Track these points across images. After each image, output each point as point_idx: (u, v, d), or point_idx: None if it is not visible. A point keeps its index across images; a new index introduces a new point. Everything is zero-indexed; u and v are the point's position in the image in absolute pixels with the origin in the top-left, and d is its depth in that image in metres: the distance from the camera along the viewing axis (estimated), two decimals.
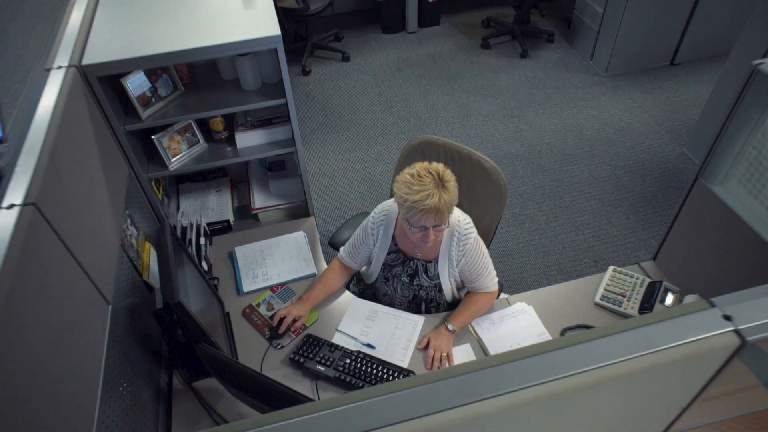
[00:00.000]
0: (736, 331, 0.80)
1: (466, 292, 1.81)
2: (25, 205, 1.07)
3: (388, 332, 1.72)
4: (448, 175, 1.49)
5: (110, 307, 1.35)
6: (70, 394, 1.09)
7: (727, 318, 0.81)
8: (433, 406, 0.70)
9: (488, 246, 1.92)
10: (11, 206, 1.07)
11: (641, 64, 4.07)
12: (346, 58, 4.32)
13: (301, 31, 4.41)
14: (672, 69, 4.08)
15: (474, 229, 1.66)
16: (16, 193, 1.10)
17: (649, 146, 3.43)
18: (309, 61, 4.29)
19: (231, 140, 1.95)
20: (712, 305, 0.84)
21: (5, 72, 4.54)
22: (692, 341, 0.79)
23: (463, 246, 1.64)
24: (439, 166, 1.49)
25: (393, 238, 1.71)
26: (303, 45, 4.33)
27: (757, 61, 1.33)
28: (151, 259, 1.74)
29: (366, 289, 1.94)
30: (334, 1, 4.11)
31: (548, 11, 4.72)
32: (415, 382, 0.73)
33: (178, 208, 2.16)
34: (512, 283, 2.71)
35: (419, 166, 1.50)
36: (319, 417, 0.68)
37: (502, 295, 1.87)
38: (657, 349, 0.78)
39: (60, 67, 1.47)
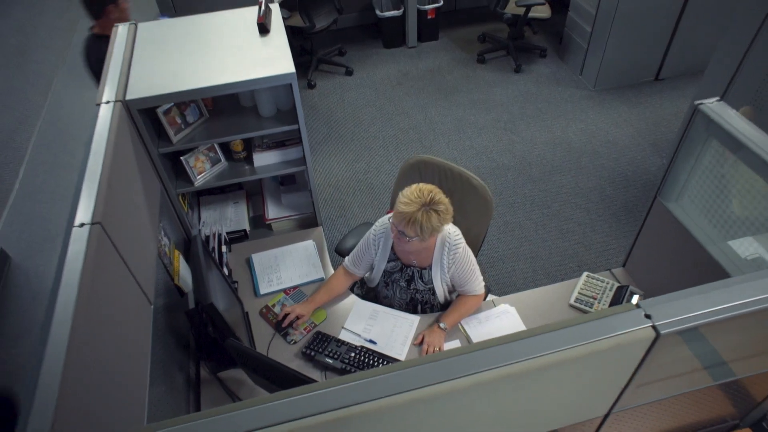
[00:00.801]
0: (653, 327, 1.05)
1: (456, 294, 2.06)
2: (92, 224, 1.32)
3: (388, 330, 1.97)
4: (441, 202, 1.70)
5: (152, 307, 1.60)
6: (129, 375, 1.34)
7: (648, 317, 1.06)
8: (419, 383, 0.95)
9: (478, 253, 2.17)
10: (82, 225, 1.32)
11: (627, 80, 4.31)
12: (349, 72, 4.57)
13: (307, 46, 4.66)
14: (656, 84, 4.32)
15: (462, 240, 1.91)
16: (85, 214, 1.35)
17: (632, 158, 3.68)
18: (314, 75, 4.54)
19: (249, 159, 2.20)
20: (638, 307, 1.09)
21: (28, 85, 4.81)
22: (620, 334, 1.04)
23: (453, 255, 1.89)
24: (436, 194, 1.71)
25: (392, 248, 1.96)
26: (308, 59, 4.58)
27: (698, 102, 1.58)
28: (180, 265, 1.99)
29: (368, 292, 2.18)
30: (337, 18, 4.36)
31: (540, 28, 4.97)
32: (407, 364, 0.98)
33: (199, 219, 2.41)
34: (502, 286, 2.96)
35: (422, 185, 1.74)
36: (331, 391, 0.93)
37: (489, 297, 2.12)
38: (592, 340, 1.03)
39: (108, 102, 1.71)
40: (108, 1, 2.49)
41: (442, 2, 4.76)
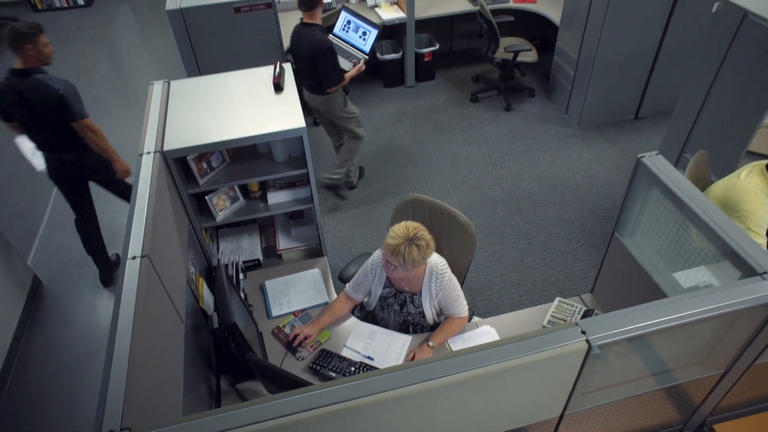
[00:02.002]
0: (587, 340, 1.34)
1: (444, 317, 2.35)
2: (142, 257, 1.63)
3: (383, 347, 2.26)
4: (422, 238, 1.99)
5: (184, 326, 1.90)
6: (168, 382, 1.63)
7: (583, 332, 1.36)
8: (400, 383, 1.24)
9: (463, 280, 2.47)
10: (135, 258, 1.63)
11: (609, 118, 4.66)
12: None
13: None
14: (636, 122, 4.67)
15: (448, 270, 2.21)
16: (135, 248, 1.66)
17: (611, 192, 3.99)
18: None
19: (263, 198, 2.53)
20: (577, 324, 1.39)
21: None
22: (560, 346, 1.34)
23: (439, 282, 2.19)
24: (419, 231, 2.02)
25: (387, 276, 2.26)
26: None
27: (641, 155, 1.89)
28: (203, 290, 2.29)
29: (367, 315, 2.48)
30: None
31: (529, 70, 5.35)
32: (390, 369, 1.27)
33: (218, 249, 2.72)
34: (490, 311, 3.24)
35: (409, 223, 2.05)
36: (329, 390, 1.22)
37: (474, 319, 2.41)
38: (539, 351, 1.33)
39: (149, 153, 2.04)
40: (26, 40, 2.73)
41: (438, 46, 5.16)
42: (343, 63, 3.59)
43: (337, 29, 4.03)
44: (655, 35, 4.15)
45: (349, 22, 3.99)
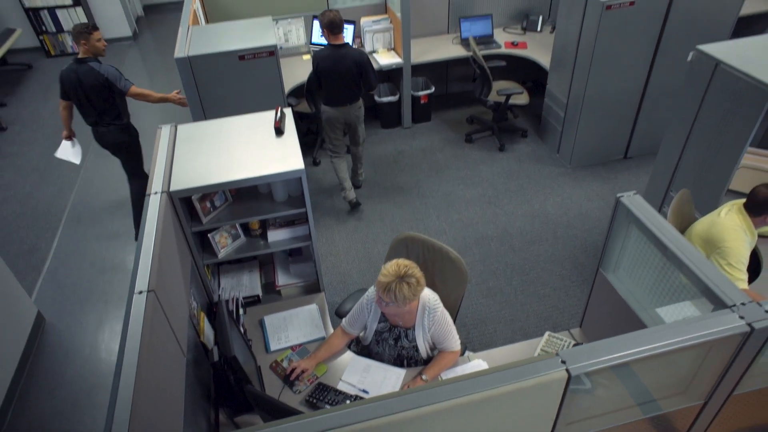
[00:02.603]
0: (566, 370, 1.42)
1: (437, 351, 2.42)
2: (148, 291, 1.73)
3: (378, 381, 2.32)
4: (412, 276, 2.07)
5: (185, 359, 1.97)
6: (169, 415, 1.70)
7: (563, 362, 1.44)
8: (390, 411, 1.32)
9: (456, 315, 2.55)
10: (141, 292, 1.72)
11: (599, 158, 4.82)
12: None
13: (313, 128, 5.23)
14: (625, 162, 4.82)
15: (440, 305, 2.30)
16: (142, 283, 1.75)
17: (603, 229, 4.10)
18: (318, 153, 5.07)
19: (264, 236, 2.63)
20: (557, 355, 1.47)
21: (65, 162, 5.37)
22: (541, 375, 1.42)
23: (432, 317, 2.27)
24: (410, 268, 2.11)
25: (382, 311, 2.35)
26: (313, 139, 5.14)
27: (619, 194, 2.01)
28: (204, 324, 2.37)
29: (363, 349, 2.55)
30: None
31: (521, 111, 5.54)
32: (380, 398, 1.35)
33: (219, 285, 2.81)
34: (484, 345, 3.30)
35: (401, 261, 2.15)
36: (330, 415, 1.30)
37: (466, 353, 2.47)
38: (519, 380, 1.41)
39: (156, 193, 2.16)
40: (81, 36, 3.61)
41: (433, 89, 5.37)
42: None
43: (314, 40, 4.52)
44: (640, 79, 4.35)
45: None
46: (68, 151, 4.06)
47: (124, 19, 7.63)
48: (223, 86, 3.52)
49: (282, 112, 2.62)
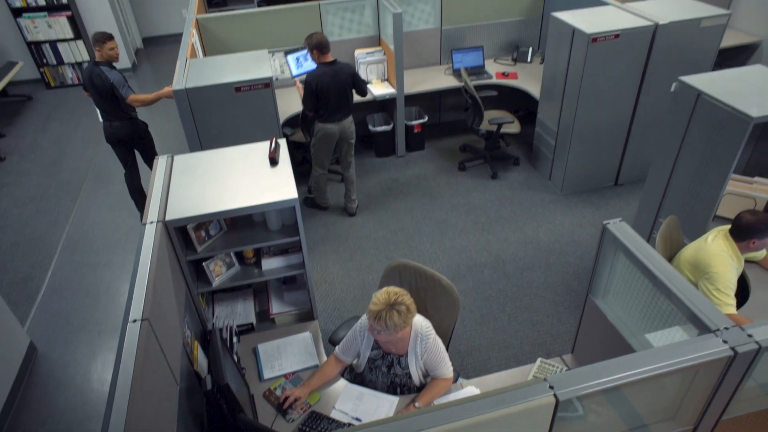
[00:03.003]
0: (554, 395, 1.45)
1: (430, 378, 2.42)
2: (143, 320, 1.75)
3: (372, 409, 2.32)
4: (402, 303, 2.10)
5: (178, 388, 1.98)
6: None
7: (551, 387, 1.46)
8: None
9: (449, 342, 2.56)
10: (135, 321, 1.74)
11: (590, 185, 4.90)
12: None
13: (308, 157, 5.30)
14: (616, 189, 4.90)
15: (433, 332, 2.32)
16: (136, 312, 1.78)
17: (594, 256, 4.13)
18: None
19: (258, 264, 2.66)
20: (545, 380, 1.49)
21: (60, 191, 5.46)
22: (530, 400, 1.44)
23: (424, 344, 2.29)
24: (400, 296, 2.14)
25: (374, 339, 2.36)
26: (308, 168, 5.19)
27: (606, 222, 2.06)
28: (198, 353, 2.37)
29: (356, 377, 2.55)
30: None
31: (513, 140, 5.65)
32: (370, 425, 1.37)
33: (213, 314, 2.82)
34: (478, 372, 3.29)
35: (391, 289, 2.18)
36: None
37: (459, 380, 2.48)
38: (508, 405, 1.43)
39: (152, 222, 2.20)
40: (95, 44, 4.10)
41: (426, 118, 5.48)
42: None
43: (295, 72, 4.70)
44: (627, 109, 4.46)
45: (297, 58, 4.72)
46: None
47: (123, 51, 7.77)
48: (220, 117, 3.59)
49: (276, 143, 2.68)
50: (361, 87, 4.28)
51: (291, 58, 4.71)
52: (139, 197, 4.67)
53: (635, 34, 4.04)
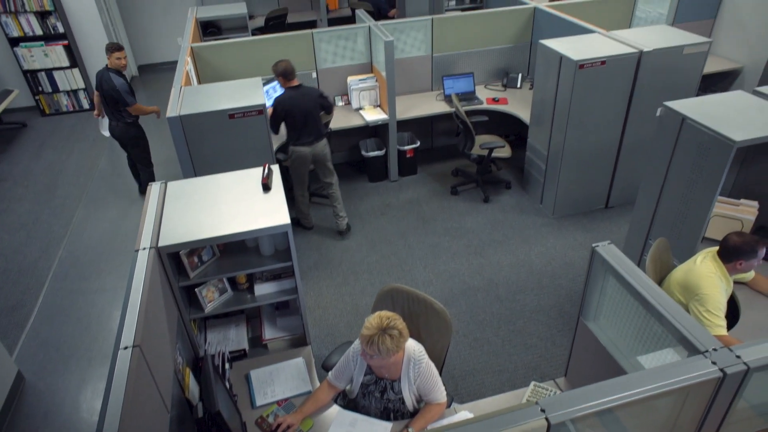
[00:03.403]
0: (546, 418, 1.45)
1: (423, 403, 2.41)
2: (134, 347, 1.74)
3: None
4: (395, 328, 2.10)
5: (169, 416, 1.96)
6: None
7: (543, 410, 1.47)
8: None
9: (442, 367, 2.56)
10: (126, 348, 1.74)
11: (581, 208, 4.95)
12: (327, 197, 5.16)
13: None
14: (607, 211, 4.95)
15: (426, 356, 2.32)
16: (127, 338, 1.77)
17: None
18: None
19: (251, 289, 2.66)
20: (537, 403, 1.50)
21: (53, 217, 5.45)
22: (521, 424, 1.44)
23: (417, 368, 2.28)
24: (393, 320, 2.14)
25: (367, 364, 2.35)
26: None
27: (595, 244, 2.09)
28: (190, 380, 2.35)
29: (349, 402, 2.53)
30: (332, 152, 5.06)
31: (504, 164, 5.72)
32: None
33: (205, 340, 2.80)
34: (473, 397, 3.26)
35: (384, 313, 2.18)
36: None
37: (453, 405, 2.47)
38: (501, 429, 1.43)
39: (145, 249, 2.21)
40: (106, 53, 4.81)
41: (419, 143, 5.54)
42: None
43: (268, 104, 4.74)
44: (615, 133, 4.54)
45: (267, 91, 4.87)
46: (101, 125, 5.17)
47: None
48: (214, 144, 3.63)
49: (269, 169, 2.71)
50: (328, 103, 4.45)
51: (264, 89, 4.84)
52: (136, 171, 5.39)
53: (621, 61, 4.14)
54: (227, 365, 2.58)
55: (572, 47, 4.24)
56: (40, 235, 5.01)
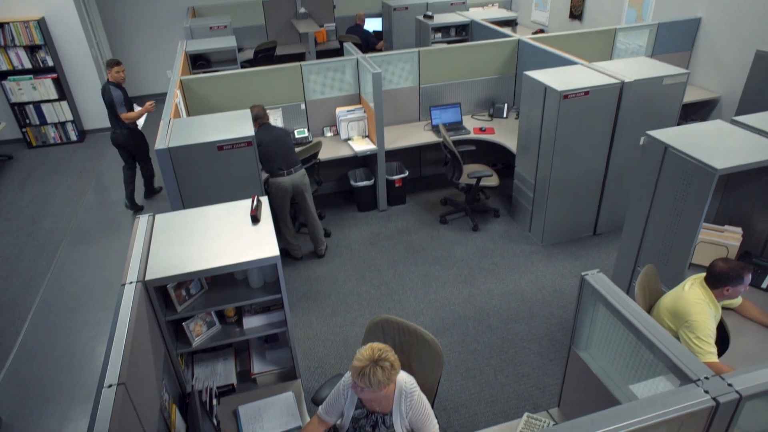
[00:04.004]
0: None
1: None
2: (119, 384, 1.70)
3: None
4: (386, 360, 2.07)
5: None
6: None
7: None
8: None
9: (434, 398, 2.52)
10: (111, 386, 1.69)
11: (569, 235, 4.98)
12: (327, 234, 5.17)
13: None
14: (595, 238, 4.99)
15: (417, 388, 2.28)
16: (112, 376, 1.73)
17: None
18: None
19: (239, 322, 2.62)
20: None
21: (36, 250, 5.37)
22: None
23: (409, 401, 2.25)
24: (384, 352, 2.11)
25: (358, 397, 2.31)
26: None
27: (584, 273, 2.10)
28: (176, 418, 2.29)
29: None
30: (318, 188, 5.08)
31: (493, 192, 5.77)
32: None
33: (192, 375, 2.74)
34: (465, 429, 3.22)
35: (375, 345, 2.16)
36: None
37: None
38: None
39: (131, 282, 2.17)
40: (106, 67, 5.38)
41: (407, 173, 5.58)
42: None
43: None
44: (601, 161, 4.61)
45: None
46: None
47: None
48: (202, 176, 3.62)
49: (258, 201, 2.70)
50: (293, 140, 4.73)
51: None
52: (130, 188, 5.74)
53: (604, 91, 4.24)
54: (215, 401, 2.52)
55: (556, 78, 4.34)
56: (22, 270, 4.92)
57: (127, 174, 5.70)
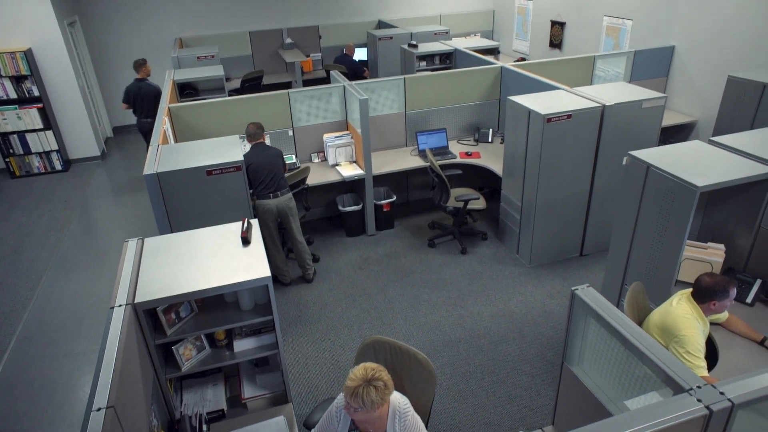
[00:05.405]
0: None
1: None
2: (107, 408, 1.66)
3: None
4: (380, 379, 2.06)
5: None
6: None
7: None
8: None
9: (428, 419, 2.49)
10: (99, 409, 1.66)
11: (557, 256, 5.03)
12: (316, 260, 5.16)
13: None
14: (582, 259, 5.04)
15: (411, 409, 2.26)
16: (101, 399, 1.69)
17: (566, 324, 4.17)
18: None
19: (230, 345, 2.59)
20: None
21: (18, 280, 5.29)
22: None
23: (403, 422, 2.22)
24: (377, 372, 2.10)
25: (351, 419, 2.28)
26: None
27: (574, 288, 2.12)
28: None
29: None
30: (306, 214, 5.09)
31: (480, 215, 5.82)
32: None
33: (181, 401, 2.69)
34: None
35: (368, 364, 2.14)
36: None
37: None
38: None
39: (120, 305, 2.15)
40: (134, 67, 6.71)
41: (395, 197, 5.62)
42: None
43: None
44: (585, 182, 4.70)
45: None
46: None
47: (93, 140, 7.86)
48: (191, 201, 3.62)
49: (249, 223, 2.70)
50: (284, 163, 4.61)
51: None
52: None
53: (586, 115, 4.35)
54: (205, 427, 2.47)
55: (539, 102, 4.45)
56: (3, 300, 4.82)
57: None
